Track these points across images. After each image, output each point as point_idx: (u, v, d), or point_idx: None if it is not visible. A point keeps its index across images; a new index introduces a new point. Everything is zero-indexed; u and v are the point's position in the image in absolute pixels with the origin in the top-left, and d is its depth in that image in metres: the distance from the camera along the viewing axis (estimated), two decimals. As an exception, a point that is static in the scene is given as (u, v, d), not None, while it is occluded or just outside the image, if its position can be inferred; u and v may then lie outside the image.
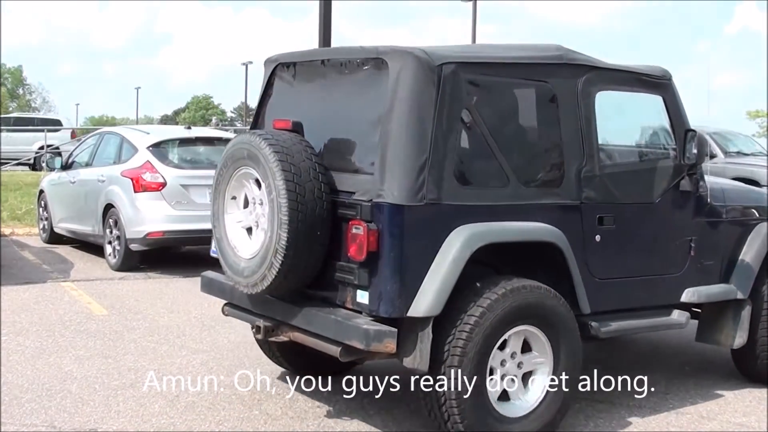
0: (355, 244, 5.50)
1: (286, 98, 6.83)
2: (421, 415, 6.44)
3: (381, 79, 5.77)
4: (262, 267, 5.74)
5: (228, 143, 6.28)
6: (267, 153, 5.64)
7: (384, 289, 5.47)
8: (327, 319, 5.71)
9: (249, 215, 6.05)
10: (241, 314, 6.65)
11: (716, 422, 6.65)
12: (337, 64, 6.27)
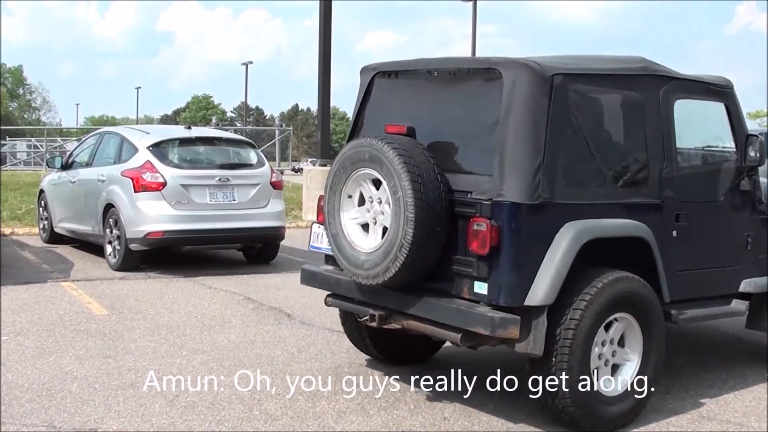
0: (478, 240, 5.98)
1: (388, 105, 7.33)
2: (420, 415, 6.45)
3: (494, 87, 6.27)
4: (385, 260, 6.21)
5: (346, 146, 6.71)
6: (391, 155, 6.14)
7: (504, 281, 5.97)
8: (448, 308, 6.19)
9: (365, 213, 6.54)
10: (346, 305, 7.19)
11: (716, 422, 6.64)
12: (446, 73, 6.87)
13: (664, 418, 6.68)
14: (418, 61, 7.27)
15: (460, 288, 6.23)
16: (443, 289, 6.34)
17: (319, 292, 10.08)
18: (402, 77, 7.31)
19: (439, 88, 6.95)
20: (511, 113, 6.10)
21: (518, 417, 6.55)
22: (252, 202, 12.93)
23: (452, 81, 6.80)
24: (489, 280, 6.01)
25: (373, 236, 6.47)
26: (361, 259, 6.45)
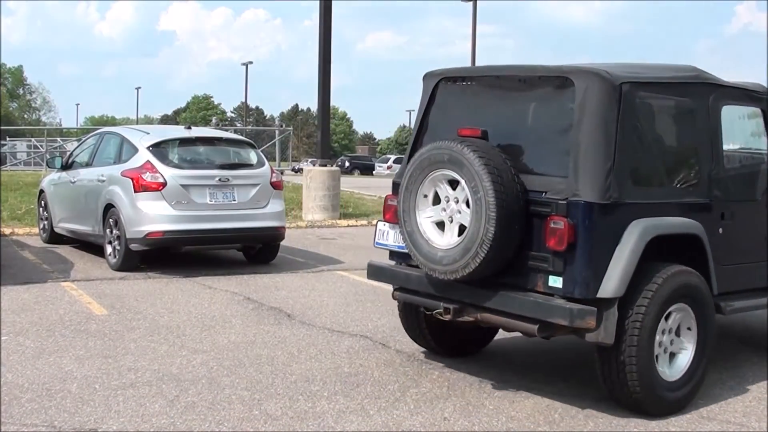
0: (555, 237, 6.41)
1: (453, 109, 7.75)
2: (420, 415, 6.45)
3: (566, 95, 6.78)
4: (465, 256, 6.60)
5: (424, 149, 7.06)
6: (472, 157, 6.54)
7: (579, 275, 6.40)
8: (526, 301, 6.60)
9: (441, 211, 6.94)
10: (416, 298, 7.54)
11: (716, 422, 6.64)
12: (514, 80, 7.31)
13: (664, 417, 6.67)
14: (486, 68, 7.80)
15: (534, 282, 6.64)
16: (516, 283, 6.75)
17: (318, 292, 10.12)
18: (469, 83, 7.72)
19: (508, 93, 7.41)
20: (584, 119, 6.58)
21: (518, 417, 6.55)
22: (252, 202, 12.92)
23: (521, 87, 7.25)
24: (564, 274, 6.44)
25: (450, 234, 6.88)
26: (439, 256, 6.82)
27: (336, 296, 11.00)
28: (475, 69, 7.87)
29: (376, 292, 11.27)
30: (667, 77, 7.34)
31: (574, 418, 6.58)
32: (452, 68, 7.90)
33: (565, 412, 6.71)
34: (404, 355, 8.18)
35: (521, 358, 8.31)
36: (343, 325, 9.37)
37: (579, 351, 8.54)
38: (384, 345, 8.56)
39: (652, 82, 7.15)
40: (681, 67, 7.64)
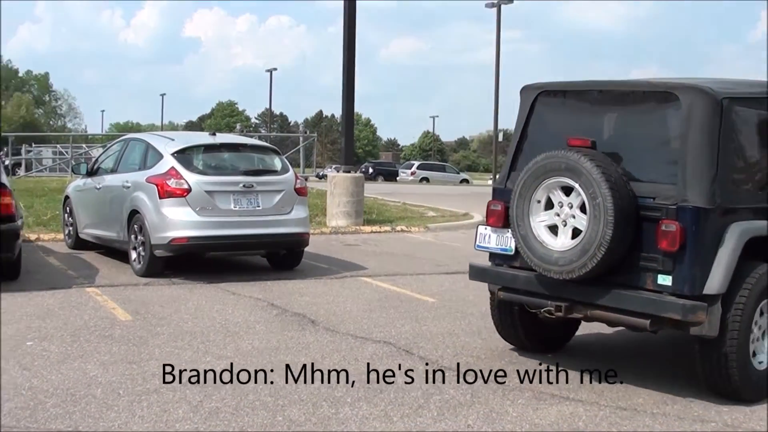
0: (668, 239, 6.96)
1: (554, 121, 8.30)
2: (444, 422, 6.44)
3: (671, 108, 7.38)
4: (583, 257, 7.17)
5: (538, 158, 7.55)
6: (590, 166, 7.12)
7: (688, 274, 6.95)
8: (639, 298, 7.16)
9: (554, 216, 7.50)
10: (522, 297, 8.00)
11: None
12: (618, 94, 7.93)
13: (688, 425, 6.64)
14: (588, 82, 8.29)
15: (643, 281, 7.19)
16: (624, 281, 7.30)
17: (342, 298, 10.12)
18: (570, 96, 8.31)
19: (612, 107, 8.00)
20: (690, 131, 7.15)
21: (542, 425, 6.53)
22: (276, 208, 12.93)
23: (625, 101, 7.83)
24: (673, 273, 7.00)
25: (563, 237, 7.44)
26: (555, 257, 7.39)
27: (359, 302, 11.00)
28: (576, 84, 8.39)
29: (400, 298, 11.28)
30: (756, 92, 7.87)
31: (598, 426, 6.55)
32: (551, 82, 8.46)
33: (589, 420, 6.68)
34: (428, 362, 8.17)
35: (545, 365, 8.28)
36: (366, 331, 9.37)
37: (609, 357, 8.53)
38: (407, 352, 8.54)
39: (745, 97, 7.64)
40: (758, 82, 8.36)
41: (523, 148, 8.28)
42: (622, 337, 9.50)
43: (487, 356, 8.49)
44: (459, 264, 14.68)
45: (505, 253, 8.09)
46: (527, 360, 8.39)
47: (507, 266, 8.16)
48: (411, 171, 70.40)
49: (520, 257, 7.85)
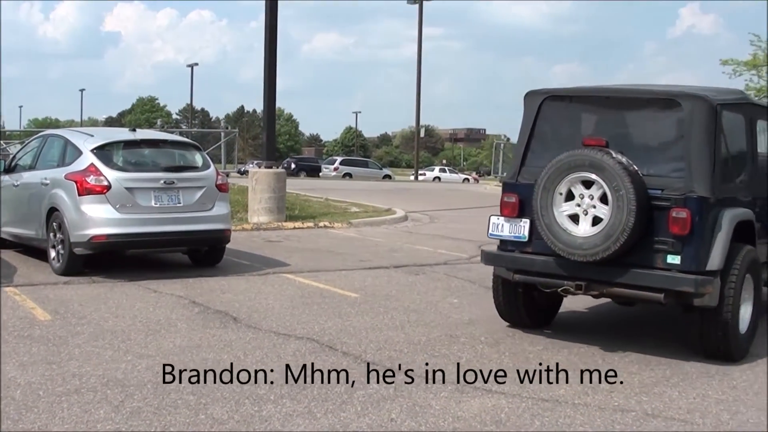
0: (678, 224, 8.19)
1: (561, 124, 9.37)
2: (368, 417, 6.45)
3: (674, 113, 8.60)
4: (607, 242, 8.28)
5: (562, 156, 8.61)
6: (613, 163, 8.28)
7: (694, 253, 8.20)
8: (656, 275, 8.33)
9: (575, 206, 8.56)
10: (539, 279, 8.99)
11: (660, 419, 6.71)
12: (623, 100, 9.16)
13: (609, 416, 6.74)
14: (593, 88, 9.62)
15: (654, 260, 8.36)
16: (636, 262, 8.41)
17: (264, 295, 10.09)
18: (576, 101, 9.47)
19: (617, 110, 9.14)
20: (693, 132, 8.40)
21: (465, 417, 6.58)
22: (197, 204, 12.85)
23: (630, 106, 9.06)
24: (682, 253, 8.22)
25: (585, 224, 8.52)
26: (579, 242, 8.47)
27: (282, 299, 10.98)
28: (582, 90, 9.63)
29: (323, 294, 11.28)
30: (736, 99, 9.43)
31: (521, 417, 6.62)
32: (556, 89, 9.57)
33: (512, 411, 6.75)
34: (351, 358, 8.19)
35: (467, 357, 8.35)
36: (289, 328, 9.36)
37: (532, 350, 8.63)
38: (331, 347, 8.55)
39: (730, 103, 9.01)
40: (733, 90, 10.04)
41: (532, 147, 9.28)
42: (544, 333, 9.61)
43: (410, 350, 8.53)
44: (382, 259, 14.75)
45: (519, 240, 9.08)
46: (450, 353, 8.45)
47: (519, 252, 9.11)
48: (334, 166, 70.30)
49: (533, 243, 8.96)
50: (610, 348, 8.92)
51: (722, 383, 7.83)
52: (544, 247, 8.78)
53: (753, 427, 6.69)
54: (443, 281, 12.74)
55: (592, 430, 6.46)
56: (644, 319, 10.49)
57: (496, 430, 6.37)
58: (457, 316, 10.22)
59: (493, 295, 9.82)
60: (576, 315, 10.60)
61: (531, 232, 8.99)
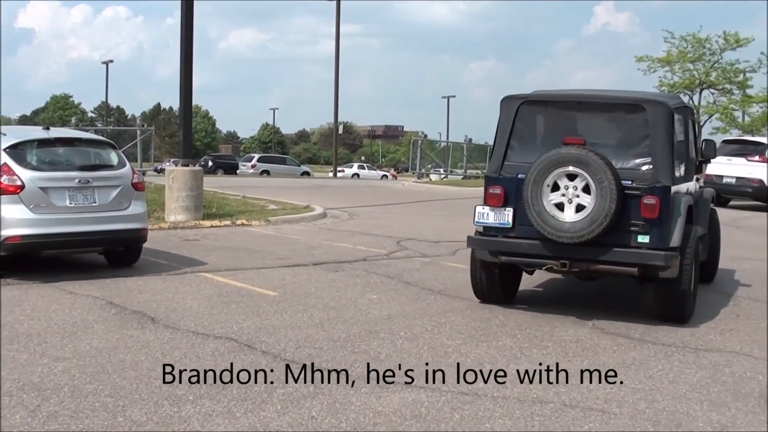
0: (649, 210, 9.70)
1: (537, 124, 10.94)
2: (288, 415, 6.45)
3: (640, 116, 10.13)
4: (592, 225, 9.69)
5: (551, 153, 9.95)
6: (596, 159, 9.69)
7: (660, 233, 9.77)
8: (632, 252, 9.81)
9: (561, 196, 9.91)
10: (524, 260, 10.40)
11: (578, 409, 6.81)
12: (594, 104, 10.72)
13: (528, 407, 6.82)
14: (567, 94, 11.23)
15: (627, 240, 9.81)
16: (611, 242, 9.81)
17: (182, 294, 10.02)
18: (551, 105, 10.99)
19: (589, 113, 10.73)
20: (656, 132, 9.96)
21: (385, 412, 6.61)
22: (113, 204, 12.69)
23: (600, 109, 10.72)
24: (650, 233, 9.74)
25: (570, 211, 9.86)
26: (566, 227, 9.82)
27: (200, 298, 10.90)
28: (556, 95, 11.21)
29: (241, 293, 11.23)
30: (679, 103, 11.44)
31: (440, 411, 6.68)
32: (532, 94, 11.10)
33: (432, 405, 6.81)
34: (270, 356, 8.17)
35: (387, 352, 8.38)
36: (207, 327, 9.30)
37: (446, 345, 8.68)
38: (250, 346, 8.52)
39: (677, 107, 10.77)
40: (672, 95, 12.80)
41: (511, 146, 10.51)
42: (463, 328, 9.69)
43: (330, 347, 8.54)
44: (300, 257, 14.72)
45: (503, 226, 10.30)
46: (369, 349, 8.48)
47: (503, 237, 10.31)
48: (251, 164, 69.89)
49: (516, 229, 10.23)
50: (526, 343, 9.03)
51: (639, 373, 7.98)
52: (526, 231, 10.13)
53: (669, 416, 6.82)
54: (362, 278, 12.76)
55: (512, 422, 6.54)
56: (563, 312, 10.61)
57: (416, 424, 6.41)
58: (377, 312, 10.26)
59: (471, 277, 11.07)
60: (496, 310, 10.69)
61: (514, 219, 10.23)
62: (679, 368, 8.20)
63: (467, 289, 11.44)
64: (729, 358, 8.64)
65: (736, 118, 57.28)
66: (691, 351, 8.90)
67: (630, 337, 9.43)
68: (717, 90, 57.48)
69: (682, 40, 56.56)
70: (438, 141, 75.45)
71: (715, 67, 56.73)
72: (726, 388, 7.61)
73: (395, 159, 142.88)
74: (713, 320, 10.47)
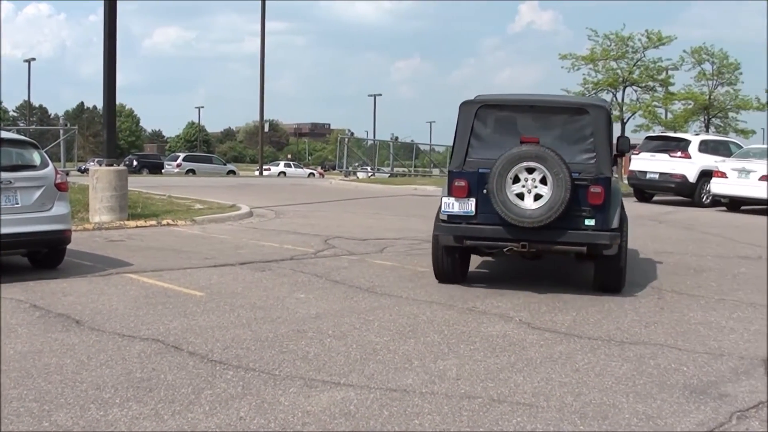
0: (595, 197, 11.36)
1: (494, 124, 12.28)
2: (216, 416, 6.42)
3: (584, 118, 11.84)
4: (549, 212, 11.27)
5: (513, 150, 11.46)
6: (553, 155, 11.27)
7: (604, 217, 11.44)
8: (582, 233, 11.48)
9: (521, 187, 11.48)
10: (488, 243, 11.96)
11: (506, 404, 6.86)
12: (545, 107, 12.41)
13: (456, 403, 6.86)
14: (520, 99, 13.00)
15: (576, 224, 11.46)
16: (562, 225, 11.42)
17: (107, 296, 9.91)
18: (506, 109, 12.46)
19: (539, 115, 12.28)
20: (599, 132, 11.72)
21: (314, 411, 6.60)
22: (36, 205, 12.50)
23: (549, 112, 12.32)
24: (595, 217, 11.43)
25: (529, 200, 11.46)
26: (528, 213, 11.38)
27: (126, 300, 10.78)
28: (510, 99, 12.96)
29: (168, 294, 11.14)
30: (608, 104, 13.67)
31: (369, 408, 6.68)
32: (489, 98, 12.51)
33: (361, 403, 6.81)
34: (197, 357, 8.11)
35: (315, 351, 8.37)
36: (134, 329, 9.20)
37: (374, 343, 8.70)
38: (176, 348, 8.45)
39: (609, 109, 12.73)
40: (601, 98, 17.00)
41: (472, 144, 12.00)
42: (391, 324, 9.71)
43: (258, 347, 8.50)
44: (227, 256, 14.65)
45: (467, 214, 11.81)
46: (297, 348, 8.46)
47: (466, 223, 11.80)
48: (177, 163, 69.43)
49: (479, 216, 11.75)
50: (454, 339, 9.08)
51: (565, 367, 8.07)
52: (487, 218, 11.68)
53: (596, 408, 6.90)
54: (290, 277, 12.74)
55: (440, 417, 6.57)
56: (492, 308, 10.70)
57: (345, 422, 6.41)
58: (304, 311, 10.24)
59: (433, 260, 12.56)
60: (423, 306, 10.74)
61: (477, 208, 11.75)
62: (605, 361, 8.31)
63: (395, 286, 11.49)
64: (654, 351, 8.77)
65: (659, 114, 58.14)
66: (617, 344, 9.02)
67: (556, 331, 9.53)
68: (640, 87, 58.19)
69: (606, 39, 57.23)
70: (365, 139, 75.52)
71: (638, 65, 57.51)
72: (651, 380, 7.72)
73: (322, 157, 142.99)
74: (638, 313, 10.62)
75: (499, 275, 13.59)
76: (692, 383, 7.66)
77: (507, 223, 11.48)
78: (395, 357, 8.20)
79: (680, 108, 58.34)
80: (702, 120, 58.47)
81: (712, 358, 8.57)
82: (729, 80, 58.47)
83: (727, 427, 6.60)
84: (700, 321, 10.29)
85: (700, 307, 11.15)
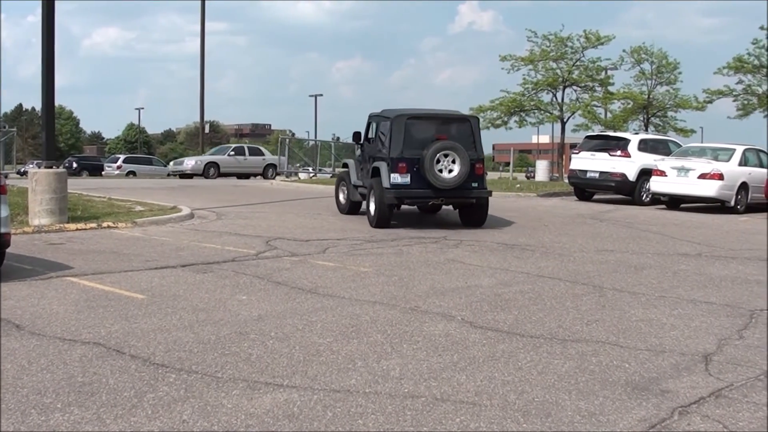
0: (480, 170, 20.44)
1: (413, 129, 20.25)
2: (159, 419, 6.39)
3: (468, 125, 20.80)
4: (459, 180, 19.84)
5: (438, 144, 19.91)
6: (459, 146, 19.94)
7: (482, 183, 20.72)
8: (472, 192, 20.29)
9: (442, 166, 19.72)
10: (417, 200, 20.72)
11: (450, 403, 6.90)
12: (445, 118, 21.04)
13: (400, 402, 6.89)
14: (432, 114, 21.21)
15: (469, 186, 20.08)
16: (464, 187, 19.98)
17: (47, 300, 9.83)
18: (423, 119, 20.63)
19: (439, 124, 20.63)
20: (475, 132, 20.67)
21: (257, 413, 6.60)
22: (-27, 209, 12.36)
23: (446, 121, 20.76)
24: (479, 183, 20.32)
25: (446, 174, 19.76)
26: (447, 181, 19.75)
27: (66, 303, 10.67)
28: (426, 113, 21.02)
29: (108, 297, 11.05)
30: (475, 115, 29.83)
31: (313, 410, 6.69)
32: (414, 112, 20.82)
33: (304, 404, 6.82)
34: (139, 361, 8.06)
35: (258, 353, 8.35)
36: (75, 333, 9.12)
37: (317, 344, 8.70)
38: (118, 351, 8.39)
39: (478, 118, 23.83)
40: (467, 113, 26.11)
41: (405, 141, 19.85)
42: (326, 325, 9.72)
43: (200, 350, 8.47)
44: (168, 258, 14.56)
45: (405, 184, 19.89)
46: (240, 350, 8.44)
47: (404, 189, 19.86)
48: (117, 165, 68.71)
49: (412, 185, 19.85)
50: (397, 338, 9.11)
51: (508, 365, 8.13)
52: (417, 186, 19.89)
53: (538, 406, 6.96)
54: (231, 278, 12.69)
55: (384, 417, 6.59)
56: (426, 307, 10.75)
57: (289, 424, 6.41)
58: (247, 313, 10.21)
59: (377, 213, 20.07)
60: (366, 306, 10.76)
61: (411, 180, 19.86)
62: (547, 359, 8.39)
63: (338, 287, 11.50)
64: (595, 348, 8.87)
65: (598, 114, 58.80)
66: (559, 342, 9.10)
67: (498, 330, 9.60)
68: (579, 87, 58.93)
69: (545, 39, 57.85)
70: (306, 139, 75.31)
71: (578, 65, 58.14)
72: (593, 377, 7.81)
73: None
74: (579, 311, 10.72)
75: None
76: (634, 380, 7.76)
77: (432, 187, 19.84)
78: (338, 358, 8.21)
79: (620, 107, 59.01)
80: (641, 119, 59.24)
81: (653, 354, 8.69)
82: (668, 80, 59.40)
83: (668, 422, 6.69)
84: (641, 318, 10.42)
85: (641, 305, 11.29)
